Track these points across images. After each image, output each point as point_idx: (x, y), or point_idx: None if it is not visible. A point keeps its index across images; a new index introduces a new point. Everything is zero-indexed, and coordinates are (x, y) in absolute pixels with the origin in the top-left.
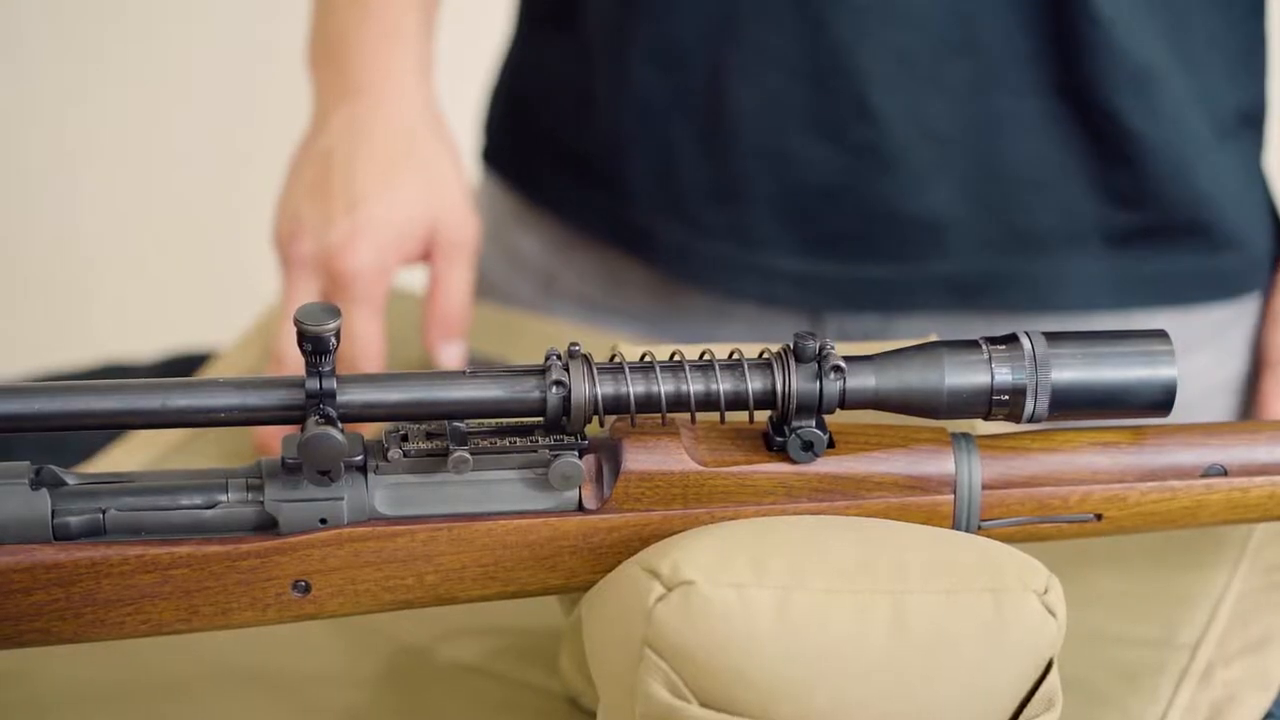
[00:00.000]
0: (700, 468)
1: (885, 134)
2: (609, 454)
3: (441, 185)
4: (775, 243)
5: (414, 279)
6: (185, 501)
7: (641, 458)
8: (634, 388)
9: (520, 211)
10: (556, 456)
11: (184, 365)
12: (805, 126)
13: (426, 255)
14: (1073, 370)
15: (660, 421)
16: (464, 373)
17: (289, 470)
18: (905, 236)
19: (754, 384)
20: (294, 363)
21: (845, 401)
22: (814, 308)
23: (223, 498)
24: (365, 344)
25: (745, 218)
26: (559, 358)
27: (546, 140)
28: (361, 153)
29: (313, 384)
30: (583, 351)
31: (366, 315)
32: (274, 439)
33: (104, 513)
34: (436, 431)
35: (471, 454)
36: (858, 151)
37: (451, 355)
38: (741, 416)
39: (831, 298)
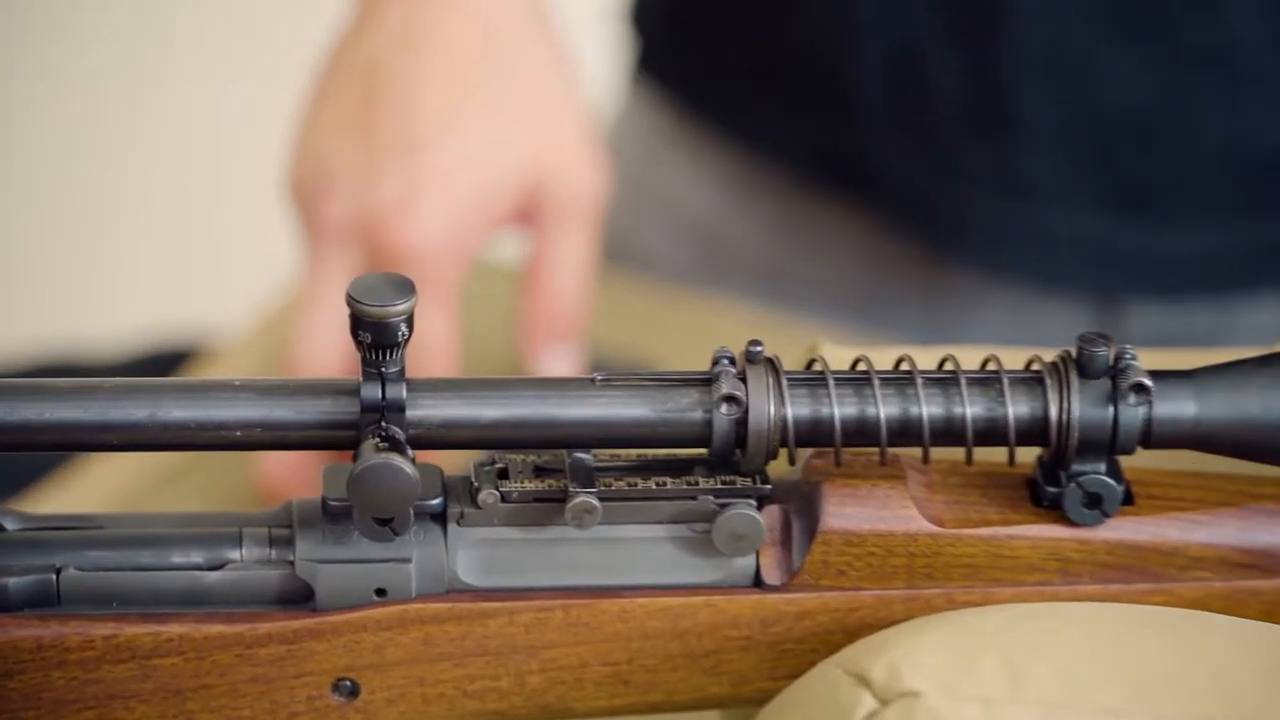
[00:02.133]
0: (935, 529)
1: (1231, 32)
2: (801, 505)
3: (547, 116)
4: (1056, 193)
5: (504, 251)
6: (179, 559)
7: (849, 512)
8: (841, 409)
9: (682, 144)
10: (724, 507)
11: (160, 364)
12: (1106, 24)
13: (525, 219)
14: None
15: (878, 460)
16: (591, 380)
17: (332, 517)
18: (1254, 186)
19: (1016, 408)
20: (319, 368)
21: (1151, 438)
22: (1107, 291)
23: (234, 554)
24: (429, 346)
25: (1015, 155)
26: (731, 362)
27: (732, 37)
28: (424, 67)
29: (372, 391)
30: (766, 353)
31: (432, 306)
32: (295, 475)
33: (58, 572)
34: (550, 466)
35: (600, 500)
36: (1185, 59)
37: (556, 361)
38: (998, 456)
39: (1134, 276)
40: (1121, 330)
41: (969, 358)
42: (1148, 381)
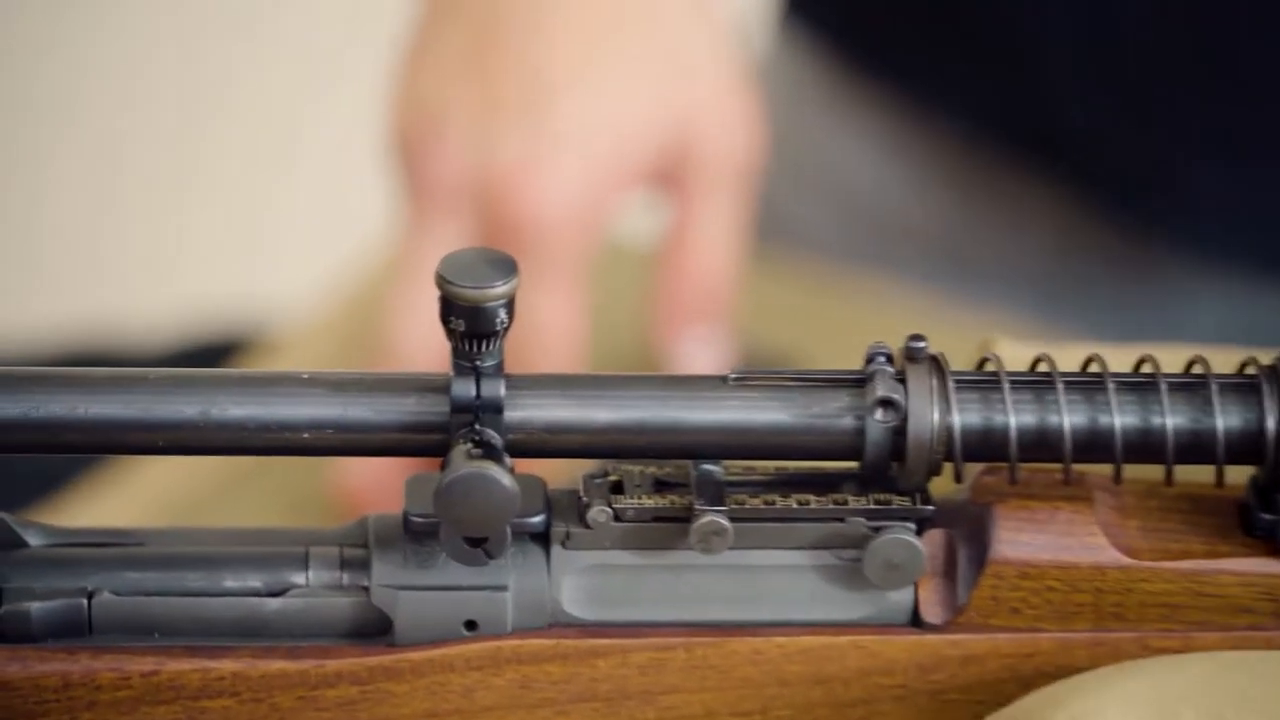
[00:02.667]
0: (1127, 561)
1: None
2: (969, 530)
3: (692, 65)
4: None
5: (637, 224)
6: (233, 583)
7: (1026, 539)
8: (1018, 417)
9: (839, 100)
10: (878, 531)
11: (214, 353)
12: None
13: (665, 183)
14: None
15: (1061, 478)
16: (723, 379)
17: (415, 536)
18: None
19: (1227, 419)
20: (419, 359)
21: None
22: None
23: (299, 579)
24: (551, 332)
25: (1231, 113)
26: (889, 360)
27: None
28: (550, 5)
29: (464, 389)
30: (930, 350)
31: (556, 287)
32: (378, 484)
33: (90, 597)
34: (672, 480)
35: (732, 520)
36: None
37: (699, 349)
38: (1203, 476)
39: None
40: None
41: (1169, 360)
42: None
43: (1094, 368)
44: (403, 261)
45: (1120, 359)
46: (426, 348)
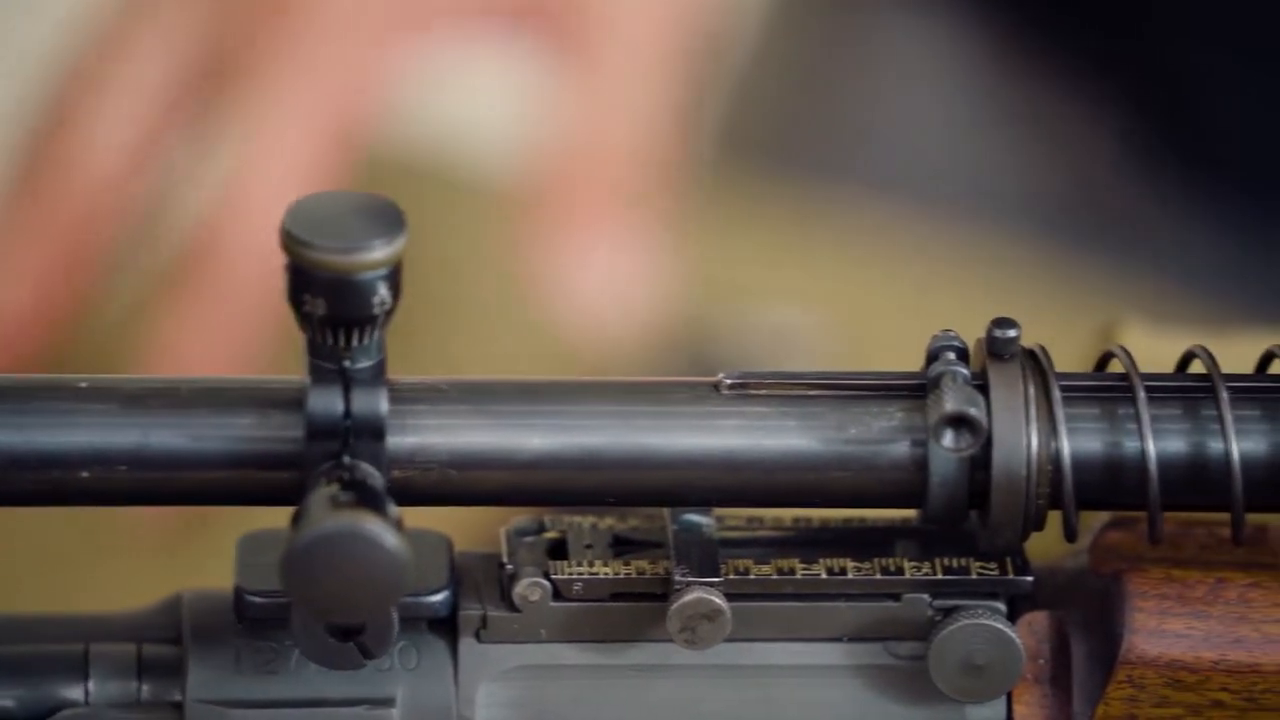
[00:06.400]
0: None
1: None
2: (1089, 613)
3: None
4: None
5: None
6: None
7: (1177, 628)
8: (1160, 442)
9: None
10: (950, 614)
11: None
12: None
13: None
14: None
15: (1229, 534)
16: (713, 386)
17: (253, 625)
18: None
19: None
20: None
21: None
22: None
23: (74, 693)
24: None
25: None
26: (962, 355)
27: None
28: None
29: (326, 402)
30: (1024, 342)
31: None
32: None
33: None
34: (639, 536)
35: (730, 598)
36: None
37: (595, 267)
38: None
39: None
40: None
41: None
42: None
43: (1276, 367)
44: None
45: None
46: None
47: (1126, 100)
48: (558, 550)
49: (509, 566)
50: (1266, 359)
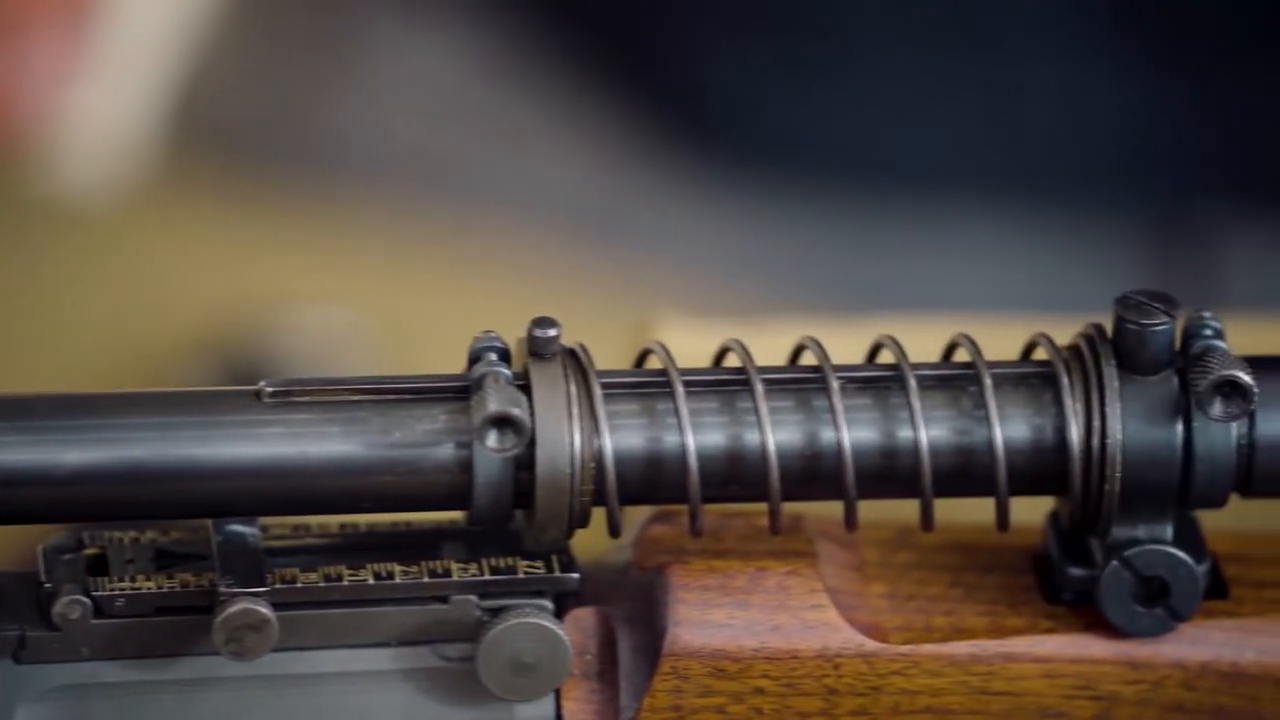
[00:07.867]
0: (873, 645)
1: None
2: (633, 608)
3: None
4: None
5: None
6: None
7: (718, 618)
8: (700, 436)
9: None
10: (498, 614)
11: None
12: None
13: None
14: None
15: (767, 525)
16: (254, 394)
17: None
18: None
19: (1009, 427)
20: None
21: (1256, 477)
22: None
23: None
24: None
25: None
26: (504, 356)
27: None
28: None
29: None
30: (564, 341)
31: None
32: None
33: None
34: (182, 549)
35: (276, 608)
36: None
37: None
38: (979, 513)
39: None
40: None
41: (924, 338)
42: (1247, 379)
43: (809, 358)
44: None
45: (846, 343)
46: None
47: (643, 99)
48: (98, 566)
49: (47, 585)
50: (798, 350)
